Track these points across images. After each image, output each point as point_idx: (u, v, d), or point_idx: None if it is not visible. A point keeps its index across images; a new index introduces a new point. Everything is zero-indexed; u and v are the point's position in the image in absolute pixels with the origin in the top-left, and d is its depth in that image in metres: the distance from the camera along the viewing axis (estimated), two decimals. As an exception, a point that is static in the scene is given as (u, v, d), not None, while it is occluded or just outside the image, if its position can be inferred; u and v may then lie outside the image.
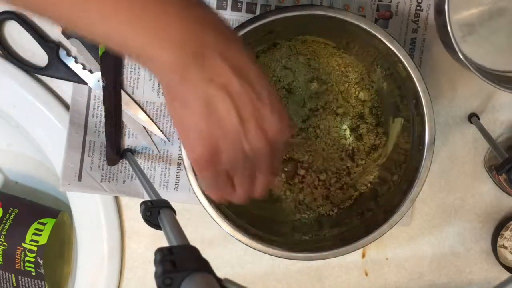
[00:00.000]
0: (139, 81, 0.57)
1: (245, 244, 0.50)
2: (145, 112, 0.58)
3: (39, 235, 0.58)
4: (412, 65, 0.48)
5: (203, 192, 0.49)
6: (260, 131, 0.36)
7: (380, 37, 0.48)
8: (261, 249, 0.50)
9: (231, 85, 0.34)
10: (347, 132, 0.57)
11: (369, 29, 0.48)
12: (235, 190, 0.40)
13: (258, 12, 0.57)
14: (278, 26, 0.50)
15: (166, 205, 0.40)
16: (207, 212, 0.49)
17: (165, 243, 0.33)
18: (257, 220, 0.56)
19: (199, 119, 0.35)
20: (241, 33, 0.48)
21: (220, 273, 0.28)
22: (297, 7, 0.48)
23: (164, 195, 0.46)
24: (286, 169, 0.57)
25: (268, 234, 0.53)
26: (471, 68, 0.49)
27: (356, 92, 0.57)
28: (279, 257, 0.50)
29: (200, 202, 0.50)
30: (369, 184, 0.57)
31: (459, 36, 0.53)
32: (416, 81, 0.49)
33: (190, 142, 0.37)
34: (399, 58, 0.49)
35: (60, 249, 0.63)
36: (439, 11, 0.50)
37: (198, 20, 0.34)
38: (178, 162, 0.58)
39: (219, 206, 0.50)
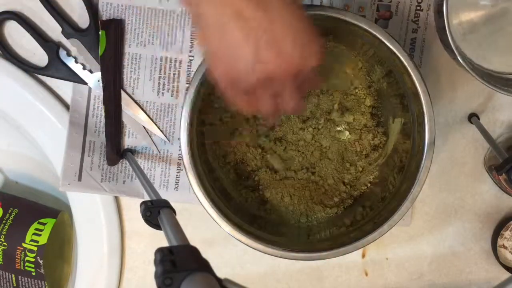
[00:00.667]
0: (139, 81, 0.57)
1: (245, 244, 0.50)
2: (145, 112, 0.58)
3: (39, 235, 0.58)
4: (412, 65, 0.48)
5: (204, 192, 0.49)
6: (280, 59, 0.36)
7: (380, 37, 0.48)
8: (261, 249, 0.50)
9: (245, 7, 0.34)
10: (347, 133, 0.57)
11: (369, 29, 0.48)
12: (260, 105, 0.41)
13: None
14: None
15: (166, 205, 0.40)
16: (207, 212, 0.49)
17: (165, 243, 0.33)
18: (257, 220, 0.56)
19: (214, 39, 0.36)
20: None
21: (220, 273, 0.28)
22: (297, 7, 0.48)
23: (164, 195, 0.46)
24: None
25: (268, 234, 0.53)
26: (468, 69, 0.49)
27: (359, 97, 0.57)
28: (279, 257, 0.50)
29: (200, 202, 0.50)
30: (369, 184, 0.57)
31: (460, 34, 0.53)
32: (416, 81, 0.49)
33: (210, 60, 0.38)
34: (399, 58, 0.49)
35: (60, 249, 0.63)
36: (439, 12, 0.50)
37: None
38: (178, 162, 0.58)
39: (219, 206, 0.50)
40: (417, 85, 0.49)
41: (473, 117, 0.58)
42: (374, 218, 0.52)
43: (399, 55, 0.48)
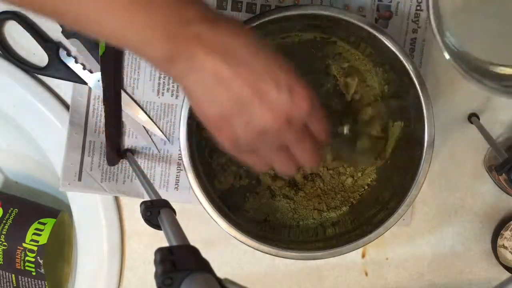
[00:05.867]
0: (139, 81, 0.57)
1: (245, 244, 0.50)
2: (145, 112, 0.58)
3: (39, 235, 0.58)
4: (412, 66, 0.48)
5: (204, 192, 0.49)
6: (267, 110, 0.35)
7: (380, 37, 0.48)
8: (261, 249, 0.50)
9: (219, 70, 0.34)
10: (347, 136, 0.57)
11: (369, 29, 0.48)
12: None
13: (258, 12, 0.57)
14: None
15: (166, 205, 0.40)
16: (207, 212, 0.49)
17: (165, 243, 0.33)
18: (256, 220, 0.56)
19: (203, 107, 0.36)
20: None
21: (220, 273, 0.28)
22: (297, 7, 0.48)
23: (164, 195, 0.46)
24: None
25: (268, 233, 0.53)
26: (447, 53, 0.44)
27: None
28: (279, 257, 0.50)
29: (200, 202, 0.50)
30: (366, 187, 0.57)
31: (449, 10, 0.45)
32: (416, 82, 0.49)
33: (209, 126, 0.37)
34: (399, 58, 0.49)
35: (60, 249, 0.63)
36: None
37: (180, 12, 0.34)
38: (178, 162, 0.58)
39: (218, 206, 0.50)
40: (417, 85, 0.49)
41: (473, 117, 0.58)
42: (372, 220, 0.52)
43: (399, 55, 0.48)
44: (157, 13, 0.34)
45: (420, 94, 0.49)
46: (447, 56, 0.44)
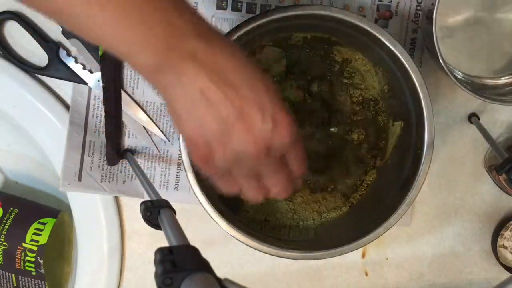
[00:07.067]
0: (139, 81, 0.57)
1: (245, 243, 0.50)
2: (145, 112, 0.58)
3: (39, 235, 0.58)
4: (412, 65, 0.48)
5: (204, 192, 0.49)
6: (249, 135, 0.35)
7: (380, 37, 0.48)
8: (261, 249, 0.50)
9: (207, 89, 0.34)
10: (347, 136, 0.57)
11: (369, 29, 0.48)
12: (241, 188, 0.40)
13: (258, 12, 0.57)
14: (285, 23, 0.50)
15: (166, 205, 0.40)
16: (207, 212, 0.49)
17: (165, 243, 0.33)
18: (256, 220, 0.56)
19: (184, 123, 0.35)
20: (242, 31, 0.48)
21: (220, 273, 0.28)
22: (297, 7, 0.48)
23: (164, 195, 0.46)
24: None
25: (268, 234, 0.53)
26: (451, 76, 0.50)
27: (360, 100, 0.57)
28: (279, 257, 0.50)
29: (200, 202, 0.50)
30: (366, 187, 0.57)
31: (439, 37, 0.54)
32: (416, 82, 0.49)
33: (186, 141, 0.37)
34: (399, 58, 0.49)
35: (60, 249, 0.63)
36: (428, 18, 0.50)
37: (174, 24, 0.33)
38: (178, 162, 0.58)
39: (218, 206, 0.50)
40: (417, 85, 0.49)
41: (473, 117, 0.58)
42: (372, 220, 0.52)
43: (399, 55, 0.48)
44: (151, 23, 0.33)
45: (420, 94, 0.49)
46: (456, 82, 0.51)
